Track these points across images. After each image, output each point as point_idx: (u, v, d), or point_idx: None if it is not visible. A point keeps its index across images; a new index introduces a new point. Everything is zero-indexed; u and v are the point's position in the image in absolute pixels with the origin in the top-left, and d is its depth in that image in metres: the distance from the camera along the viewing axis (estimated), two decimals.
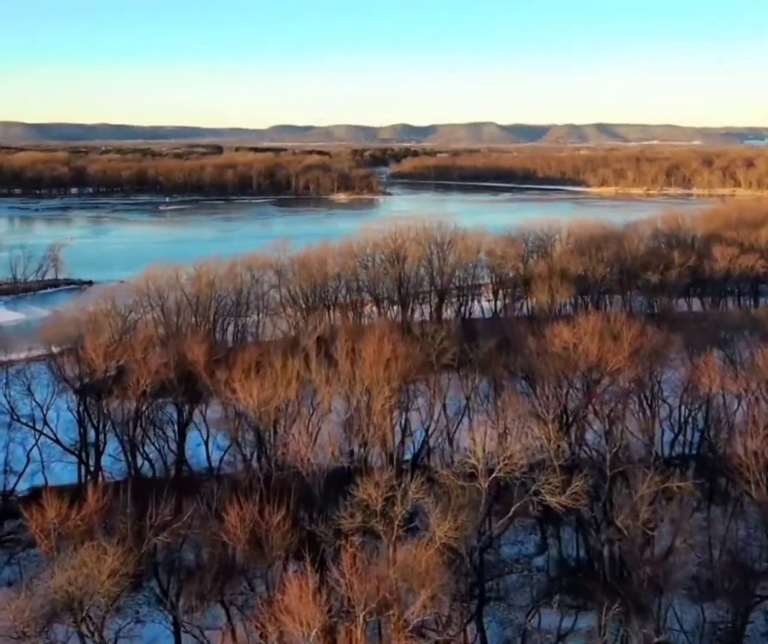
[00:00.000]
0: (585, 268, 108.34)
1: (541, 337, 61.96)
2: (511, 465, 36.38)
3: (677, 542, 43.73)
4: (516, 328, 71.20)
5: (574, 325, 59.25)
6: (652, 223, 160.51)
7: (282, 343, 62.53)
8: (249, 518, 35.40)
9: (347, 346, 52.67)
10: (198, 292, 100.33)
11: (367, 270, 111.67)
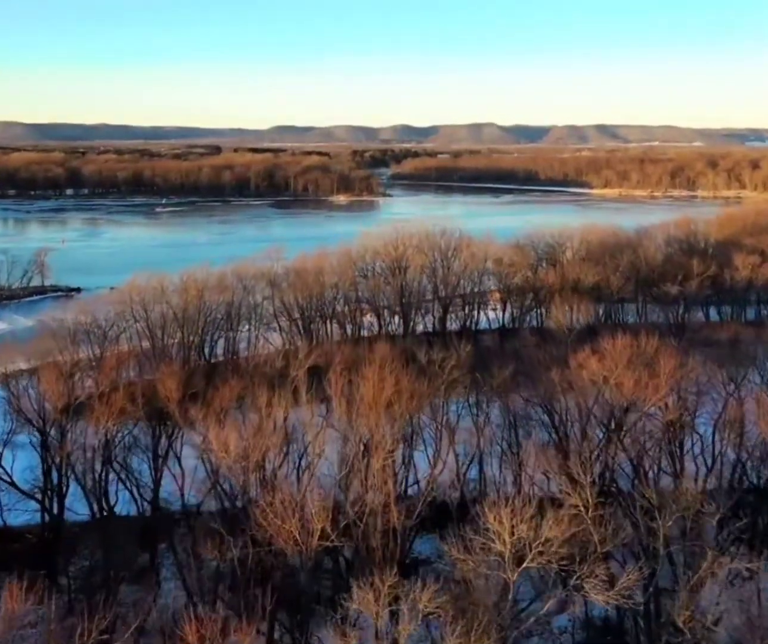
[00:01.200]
0: (599, 278, 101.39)
1: (564, 367, 55.06)
2: (548, 553, 29.50)
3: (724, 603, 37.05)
4: (533, 353, 64.29)
5: (601, 354, 52.30)
6: (665, 229, 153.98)
7: (268, 374, 55.39)
8: (211, 636, 28.23)
9: (343, 380, 45.71)
10: (185, 305, 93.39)
11: (366, 280, 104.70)
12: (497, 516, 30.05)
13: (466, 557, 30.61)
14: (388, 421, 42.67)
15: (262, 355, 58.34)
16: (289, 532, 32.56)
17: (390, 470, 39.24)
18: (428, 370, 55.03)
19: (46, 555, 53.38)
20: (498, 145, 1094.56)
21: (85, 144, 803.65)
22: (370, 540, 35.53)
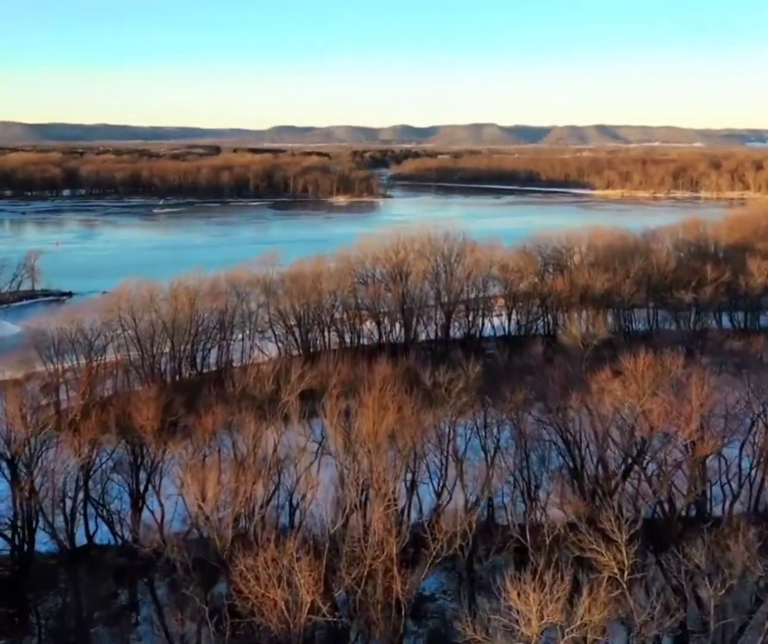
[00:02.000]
0: (609, 284, 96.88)
1: (582, 387, 50.60)
2: (581, 632, 24.99)
3: None
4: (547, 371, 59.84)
5: (623, 375, 47.83)
6: (673, 232, 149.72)
7: (258, 398, 50.87)
8: None
9: (339, 408, 41.27)
10: (175, 313, 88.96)
11: (366, 286, 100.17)
12: (522, 592, 25.47)
13: (484, 640, 26.03)
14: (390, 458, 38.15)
15: (251, 375, 53.61)
16: (273, 602, 28.08)
17: (392, 518, 34.65)
18: (434, 393, 50.55)
19: (16, 592, 49.03)
20: (498, 145, 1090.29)
21: (84, 144, 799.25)
22: (369, 612, 31.03)
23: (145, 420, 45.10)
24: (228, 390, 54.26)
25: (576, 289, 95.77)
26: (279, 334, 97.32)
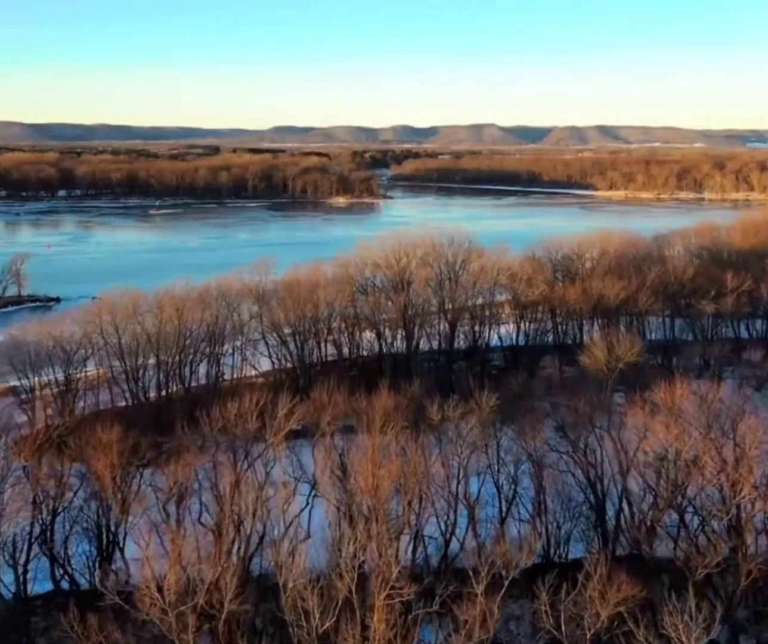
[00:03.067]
0: (625, 293, 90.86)
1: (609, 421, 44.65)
2: None
3: None
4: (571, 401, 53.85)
5: (660, 410, 41.84)
6: (685, 236, 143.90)
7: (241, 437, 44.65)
8: None
9: (334, 455, 35.37)
10: (161, 325, 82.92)
11: (366, 296, 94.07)
12: None
13: None
14: (392, 510, 32.20)
15: (233, 411, 47.49)
16: None
17: (395, 611, 28.60)
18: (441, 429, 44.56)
19: None
20: (498, 145, 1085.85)
21: (84, 144, 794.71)
22: None
23: (104, 469, 39.07)
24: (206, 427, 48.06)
25: (589, 298, 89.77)
26: (272, 346, 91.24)
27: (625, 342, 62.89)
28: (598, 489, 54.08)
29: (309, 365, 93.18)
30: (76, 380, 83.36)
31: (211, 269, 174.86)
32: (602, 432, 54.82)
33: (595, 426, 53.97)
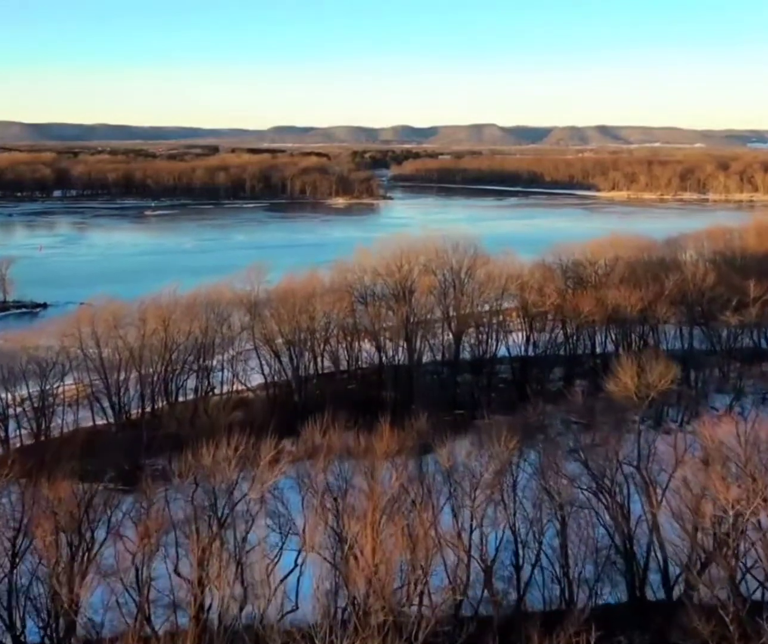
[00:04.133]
0: (642, 304, 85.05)
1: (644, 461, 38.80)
2: None
3: None
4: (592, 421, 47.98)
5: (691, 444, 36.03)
6: (698, 240, 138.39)
7: (214, 495, 38.37)
8: None
9: (326, 518, 29.52)
10: (145, 339, 77.11)
11: (365, 306, 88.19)
12: None
13: None
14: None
15: (210, 454, 41.57)
16: None
17: None
18: (453, 479, 38.64)
19: None
20: (499, 145, 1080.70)
21: (83, 144, 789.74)
22: None
23: (63, 518, 33.15)
24: (177, 477, 42.09)
25: (604, 308, 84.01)
26: (265, 359, 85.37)
27: (657, 367, 56.70)
28: (624, 529, 48.46)
29: (305, 378, 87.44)
30: (52, 397, 77.66)
31: (205, 272, 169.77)
32: (631, 468, 49.13)
33: (622, 463, 48.16)
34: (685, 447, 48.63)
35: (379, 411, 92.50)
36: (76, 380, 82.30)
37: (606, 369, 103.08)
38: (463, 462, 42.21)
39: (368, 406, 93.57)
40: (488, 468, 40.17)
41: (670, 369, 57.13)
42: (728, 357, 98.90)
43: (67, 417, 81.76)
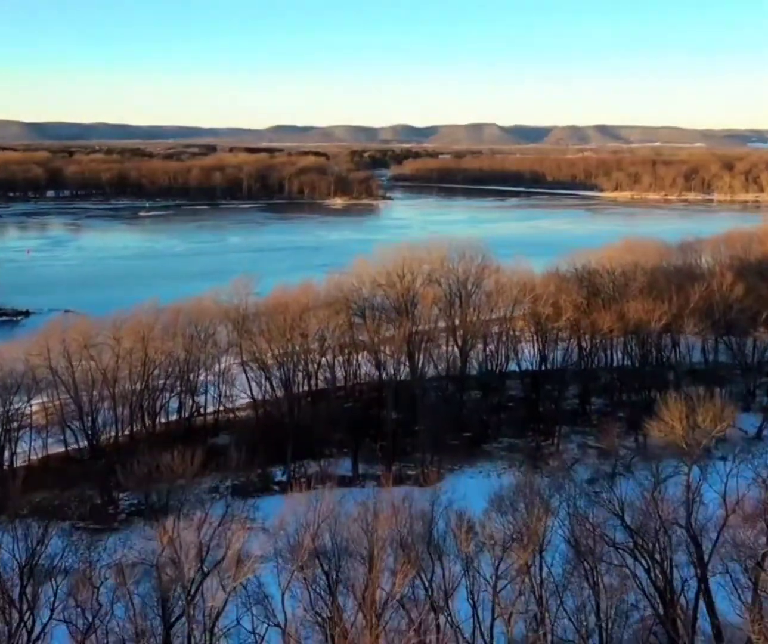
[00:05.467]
0: (667, 319, 77.76)
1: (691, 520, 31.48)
2: None
3: None
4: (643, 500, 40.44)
5: None
6: (714, 245, 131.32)
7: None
8: None
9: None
10: (120, 359, 69.76)
11: (364, 320, 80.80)
12: None
13: None
14: None
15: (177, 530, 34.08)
16: None
17: None
18: (470, 568, 31.29)
19: None
20: (498, 145, 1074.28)
21: (81, 143, 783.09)
22: None
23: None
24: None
25: (626, 324, 76.77)
26: (254, 378, 77.92)
27: (712, 409, 48.78)
28: (668, 595, 41.23)
29: (298, 396, 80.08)
30: (17, 421, 70.34)
31: (194, 278, 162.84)
32: (676, 526, 41.75)
33: (666, 521, 40.77)
34: (737, 498, 41.51)
35: (379, 433, 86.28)
36: (45, 402, 74.99)
37: (623, 385, 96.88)
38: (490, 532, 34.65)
39: (367, 427, 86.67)
40: (513, 549, 32.74)
41: (726, 410, 49.43)
42: (756, 374, 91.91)
43: (36, 442, 74.67)
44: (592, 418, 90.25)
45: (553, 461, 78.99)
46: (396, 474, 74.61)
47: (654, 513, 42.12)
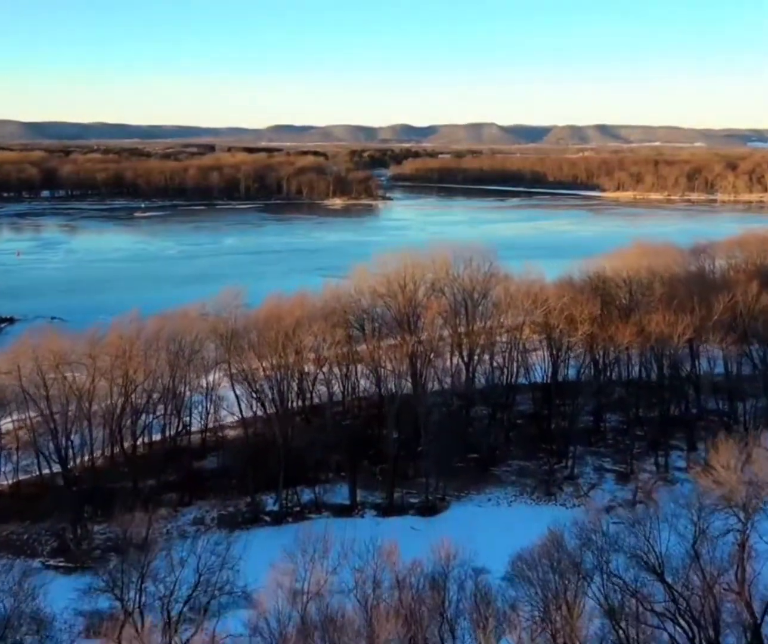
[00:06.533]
0: (692, 333, 72.00)
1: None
2: None
3: None
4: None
5: None
6: (729, 249, 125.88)
7: None
8: None
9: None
10: (96, 379, 63.96)
11: (363, 333, 74.97)
12: None
13: None
14: None
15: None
16: None
17: None
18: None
19: None
20: (498, 144, 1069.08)
21: (79, 143, 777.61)
22: None
23: None
24: None
25: (646, 338, 71.04)
26: (244, 396, 72.09)
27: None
28: None
29: (292, 415, 74.22)
30: None
31: (187, 282, 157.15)
32: (725, 588, 35.97)
33: (712, 580, 35.00)
34: None
35: (378, 452, 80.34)
36: (16, 423, 69.23)
37: (640, 400, 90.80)
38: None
39: (367, 448, 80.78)
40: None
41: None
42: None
43: (6, 467, 68.82)
44: (608, 436, 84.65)
45: (568, 486, 73.68)
46: (398, 501, 69.08)
47: (698, 571, 36.35)
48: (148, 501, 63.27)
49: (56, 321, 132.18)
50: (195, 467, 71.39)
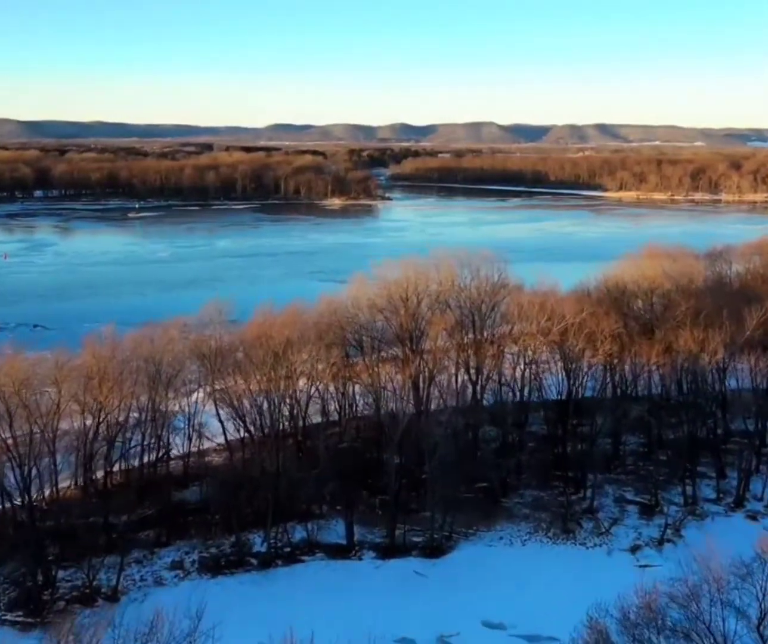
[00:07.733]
0: (723, 352, 65.45)
1: None
2: None
3: None
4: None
5: None
6: (745, 254, 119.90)
7: None
8: None
9: None
10: (66, 400, 57.36)
11: (362, 351, 68.29)
12: None
13: None
14: None
15: None
16: None
17: None
18: None
19: None
20: (497, 144, 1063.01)
21: (77, 142, 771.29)
22: None
23: None
24: None
25: (674, 358, 64.44)
26: (229, 422, 65.47)
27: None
28: None
29: (282, 441, 67.54)
30: None
31: (176, 287, 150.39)
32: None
33: None
34: None
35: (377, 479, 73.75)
36: None
37: (660, 422, 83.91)
38: None
39: (365, 477, 74.18)
40: None
41: None
42: None
43: None
44: (627, 461, 77.93)
45: (587, 522, 67.07)
46: (399, 540, 62.49)
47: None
48: (121, 538, 56.86)
49: (38, 328, 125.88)
50: (175, 499, 64.67)
